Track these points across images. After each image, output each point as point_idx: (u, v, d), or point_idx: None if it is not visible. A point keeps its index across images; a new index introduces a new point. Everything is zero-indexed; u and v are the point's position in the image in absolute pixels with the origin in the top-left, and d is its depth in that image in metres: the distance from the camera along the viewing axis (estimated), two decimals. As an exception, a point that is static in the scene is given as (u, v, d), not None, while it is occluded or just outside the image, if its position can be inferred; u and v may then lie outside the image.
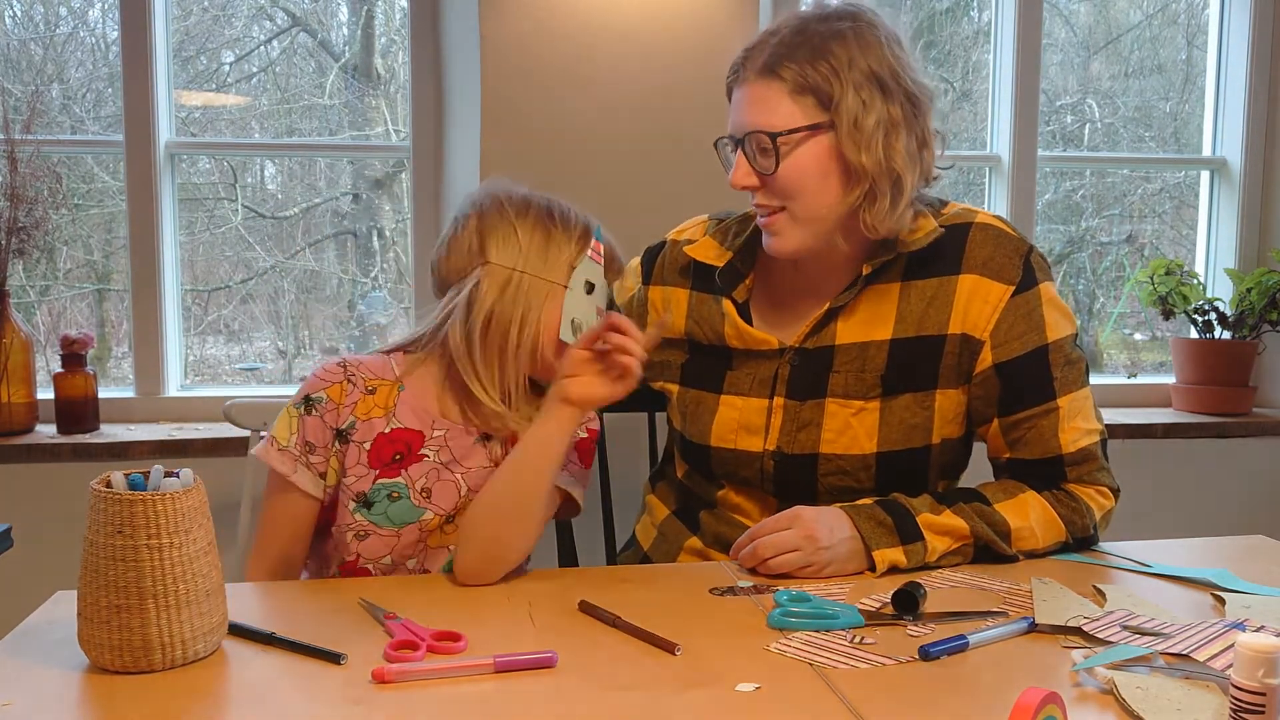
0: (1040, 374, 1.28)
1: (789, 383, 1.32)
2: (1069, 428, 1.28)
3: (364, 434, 1.25)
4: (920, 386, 1.29)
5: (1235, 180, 2.64)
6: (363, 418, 1.26)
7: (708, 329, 1.39)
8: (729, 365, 1.37)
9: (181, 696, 0.87)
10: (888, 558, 1.20)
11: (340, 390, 1.26)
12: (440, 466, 1.26)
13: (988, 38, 2.56)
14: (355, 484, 1.24)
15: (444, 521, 1.27)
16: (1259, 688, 0.72)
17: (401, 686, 0.88)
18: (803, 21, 1.25)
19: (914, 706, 0.85)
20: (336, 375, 1.27)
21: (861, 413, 1.29)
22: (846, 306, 1.31)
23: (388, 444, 1.25)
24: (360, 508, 1.24)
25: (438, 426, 1.27)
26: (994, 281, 1.28)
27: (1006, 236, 1.31)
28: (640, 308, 1.47)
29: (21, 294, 2.33)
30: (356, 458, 1.25)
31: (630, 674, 0.91)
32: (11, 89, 2.28)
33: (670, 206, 1.79)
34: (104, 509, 0.90)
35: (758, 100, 1.24)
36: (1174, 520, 2.40)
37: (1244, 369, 2.48)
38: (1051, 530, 1.26)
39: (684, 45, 2.13)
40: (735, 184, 1.28)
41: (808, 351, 1.32)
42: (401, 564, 1.27)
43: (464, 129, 2.21)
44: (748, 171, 1.26)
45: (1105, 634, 0.98)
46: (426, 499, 1.26)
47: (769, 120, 1.23)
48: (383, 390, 1.27)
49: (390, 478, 1.25)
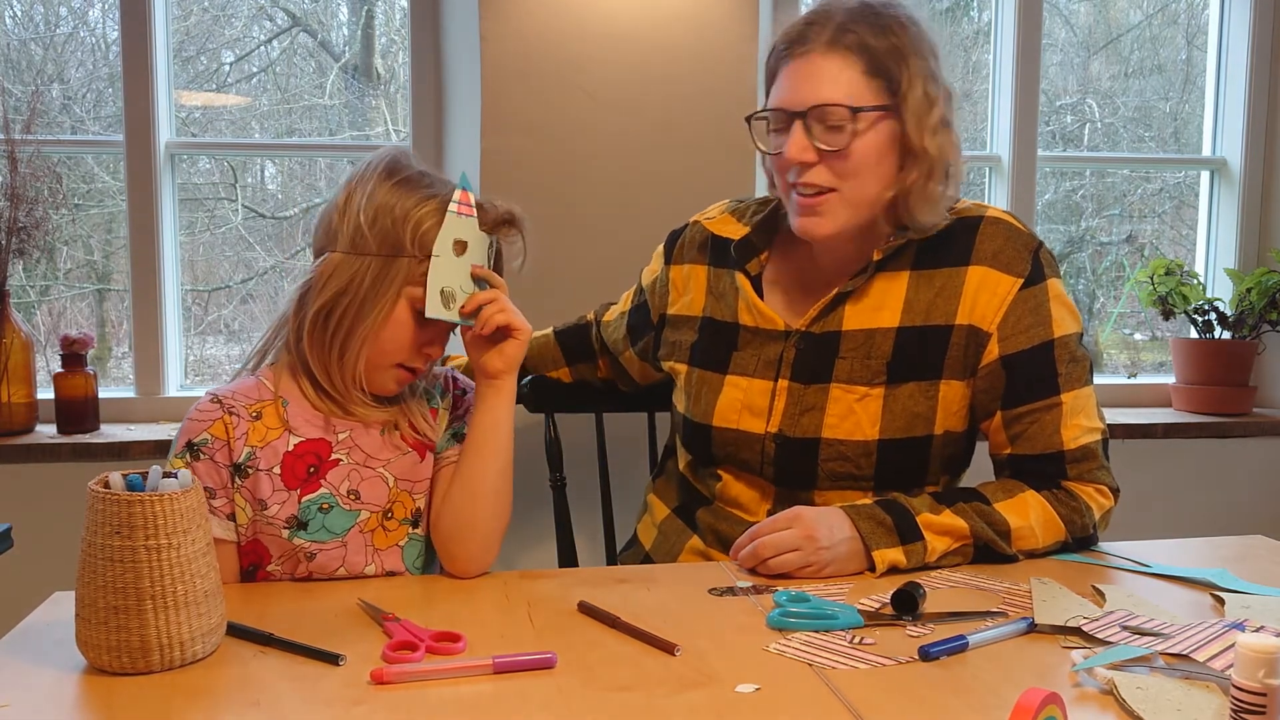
0: (1045, 369, 1.28)
1: (794, 365, 1.33)
2: (1071, 424, 1.28)
3: (268, 460, 1.20)
4: (925, 376, 1.30)
5: (1235, 180, 2.64)
6: (260, 445, 1.21)
7: (723, 306, 1.41)
8: (735, 346, 1.38)
9: (180, 697, 0.87)
10: (887, 558, 1.20)
11: (223, 426, 1.20)
12: (358, 466, 1.24)
13: (988, 38, 2.56)
14: (280, 511, 1.20)
15: (383, 518, 1.24)
16: (1259, 688, 0.72)
17: (400, 687, 0.88)
18: (864, 5, 1.26)
19: (914, 707, 0.85)
20: (214, 412, 1.21)
21: (865, 399, 1.29)
22: (855, 292, 1.31)
23: (297, 461, 1.21)
24: (296, 532, 1.20)
25: (339, 428, 1.24)
26: (1003, 274, 1.29)
27: (1017, 231, 1.32)
28: (663, 288, 1.50)
29: (21, 294, 2.33)
30: (270, 486, 1.20)
31: (629, 674, 0.91)
32: (11, 89, 2.28)
33: (670, 206, 1.79)
34: (102, 509, 0.90)
35: (829, 74, 1.23)
36: (1174, 520, 2.39)
37: (1244, 369, 2.48)
38: (1051, 530, 1.26)
39: (684, 45, 2.13)
40: (791, 158, 1.25)
41: (814, 336, 1.33)
42: (359, 573, 1.23)
43: (464, 129, 2.21)
44: (806, 146, 1.24)
45: (1105, 634, 0.98)
46: (356, 500, 1.23)
47: (845, 95, 1.23)
48: (268, 411, 1.23)
49: (313, 491, 1.21)
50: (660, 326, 1.50)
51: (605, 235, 2.12)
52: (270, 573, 1.22)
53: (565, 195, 2.15)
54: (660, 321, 1.50)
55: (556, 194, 2.15)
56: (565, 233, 2.15)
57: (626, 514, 1.73)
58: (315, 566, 1.22)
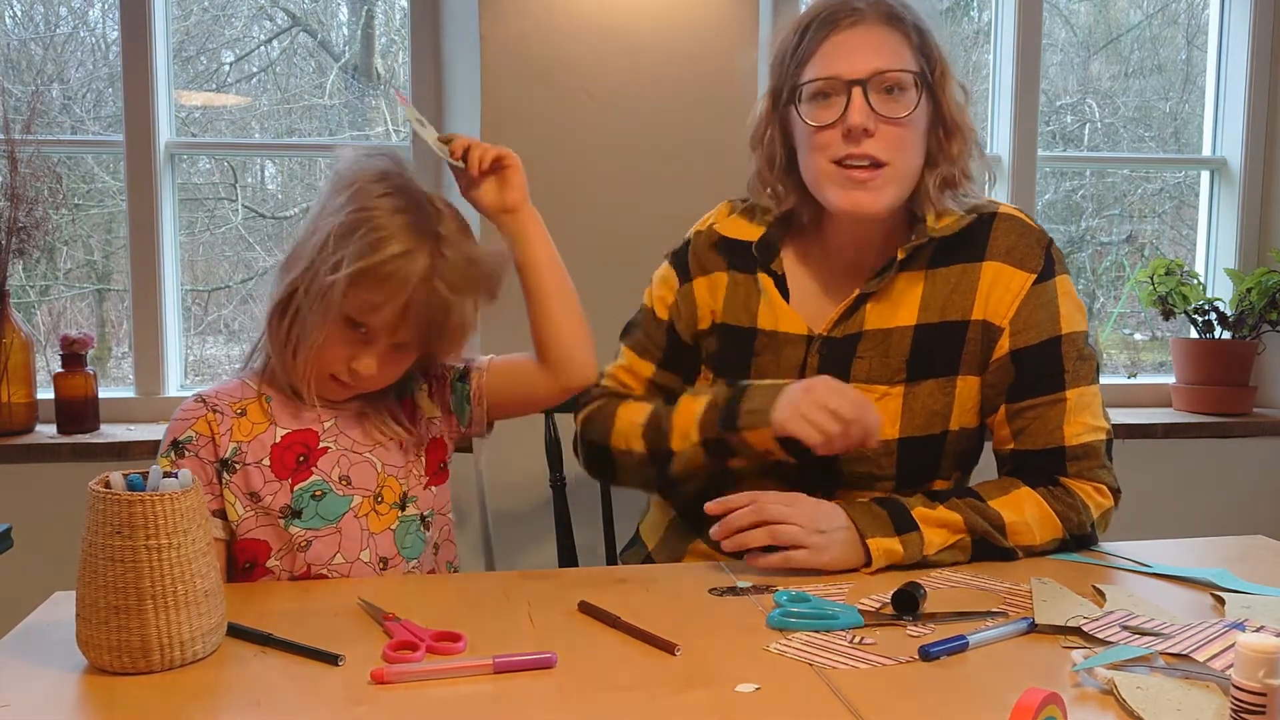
0: (1052, 364, 1.28)
1: (819, 373, 1.31)
2: (1075, 421, 1.28)
3: (256, 453, 1.21)
4: (943, 373, 1.30)
5: (1235, 180, 2.64)
6: (246, 439, 1.22)
7: (741, 311, 1.39)
8: (753, 352, 1.37)
9: (180, 697, 0.87)
10: (883, 546, 1.20)
11: (206, 424, 1.21)
12: (347, 451, 1.25)
13: (988, 38, 2.56)
14: (274, 502, 1.21)
15: (374, 502, 1.25)
16: (1260, 688, 0.71)
17: (400, 687, 0.88)
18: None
19: (914, 707, 0.85)
20: (198, 410, 1.22)
21: (885, 398, 1.30)
22: (877, 292, 1.31)
23: (285, 451, 1.22)
24: (291, 520, 1.21)
25: (324, 417, 1.25)
26: (1016, 269, 1.30)
27: (1029, 227, 1.34)
28: (689, 307, 1.43)
29: (21, 294, 2.33)
30: (261, 479, 1.21)
31: (629, 674, 0.91)
32: (11, 89, 2.28)
33: (670, 205, 1.79)
34: (102, 509, 0.90)
35: (887, 45, 1.26)
36: (1174, 520, 2.39)
37: (1244, 369, 2.48)
38: (1047, 526, 1.26)
39: (684, 45, 2.13)
40: (857, 124, 1.24)
41: (835, 340, 1.32)
42: (356, 560, 1.23)
43: (464, 129, 2.21)
44: (869, 113, 1.24)
45: (1105, 634, 0.98)
46: (348, 485, 1.24)
47: (906, 64, 1.26)
48: (252, 407, 1.24)
49: (305, 479, 1.22)
50: (697, 344, 1.45)
51: (605, 235, 2.12)
52: (269, 569, 1.22)
53: (565, 195, 2.15)
54: (695, 341, 1.44)
55: (556, 194, 2.15)
56: (565, 232, 2.14)
57: (627, 514, 1.73)
58: (312, 556, 1.21)
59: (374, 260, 1.14)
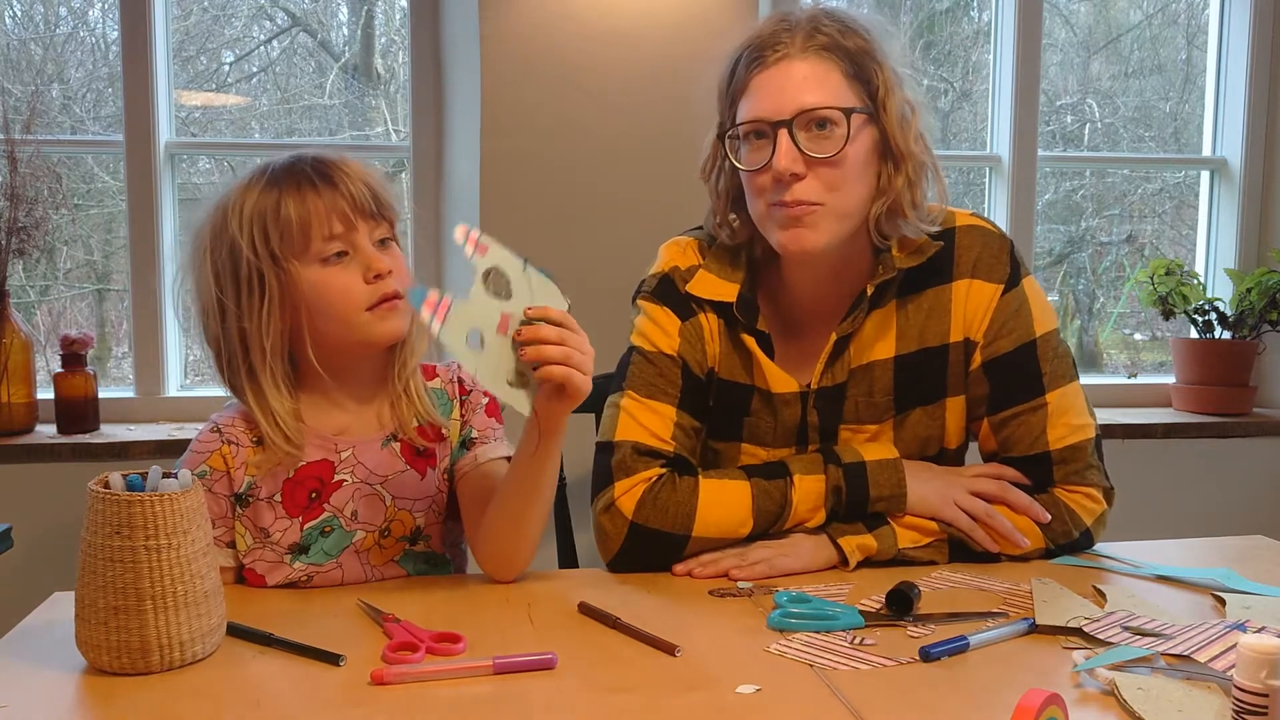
0: (1029, 370, 1.28)
1: (820, 424, 1.30)
2: (1058, 424, 1.27)
3: (270, 488, 1.19)
4: (928, 399, 1.29)
5: (1235, 180, 2.64)
6: (259, 473, 1.19)
7: (737, 368, 1.32)
8: (746, 411, 1.32)
9: (180, 698, 0.87)
10: (854, 543, 1.21)
11: (221, 458, 1.18)
12: (360, 484, 1.21)
13: (988, 38, 2.56)
14: (283, 539, 1.19)
15: (379, 536, 1.23)
16: (1261, 689, 0.71)
17: (400, 688, 0.88)
18: (823, 10, 1.23)
19: (914, 707, 0.85)
20: (213, 443, 1.19)
21: (876, 436, 1.30)
22: (853, 332, 1.28)
23: (296, 488, 1.19)
24: (297, 556, 1.19)
25: (341, 447, 1.21)
26: (985, 282, 1.28)
27: (989, 233, 1.30)
28: (696, 340, 1.31)
29: (21, 294, 2.33)
30: (271, 516, 1.18)
31: (630, 675, 0.91)
32: (11, 89, 2.28)
33: (669, 205, 1.79)
34: (102, 510, 0.90)
35: (814, 79, 1.18)
36: (1174, 520, 2.39)
37: (1244, 369, 2.48)
38: (1028, 535, 1.25)
39: (683, 45, 2.13)
40: (782, 169, 1.17)
41: (826, 390, 1.30)
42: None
43: (464, 129, 2.21)
44: (796, 156, 1.18)
45: (1106, 635, 0.98)
46: (355, 520, 1.21)
47: (834, 98, 1.18)
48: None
49: (316, 517, 1.20)
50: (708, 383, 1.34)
51: (605, 235, 2.12)
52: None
53: (565, 195, 2.15)
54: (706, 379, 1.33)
55: (556, 194, 2.15)
56: (565, 232, 2.15)
57: (627, 514, 1.72)
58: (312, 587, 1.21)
59: (283, 200, 1.19)
